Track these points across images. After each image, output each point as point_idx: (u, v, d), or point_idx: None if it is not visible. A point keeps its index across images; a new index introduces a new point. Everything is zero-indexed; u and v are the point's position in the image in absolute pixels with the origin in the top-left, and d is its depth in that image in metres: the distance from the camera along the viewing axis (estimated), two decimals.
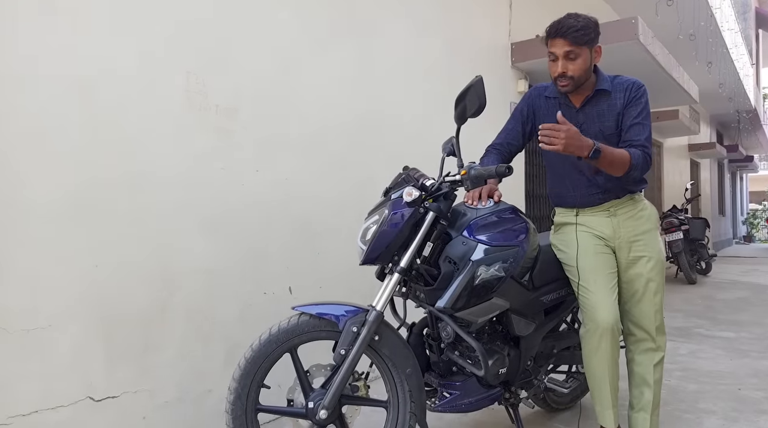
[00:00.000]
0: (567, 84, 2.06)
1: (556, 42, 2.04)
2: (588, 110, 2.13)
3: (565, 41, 2.02)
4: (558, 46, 2.03)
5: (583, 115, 2.14)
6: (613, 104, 2.12)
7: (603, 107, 2.12)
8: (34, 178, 1.89)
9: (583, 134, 2.07)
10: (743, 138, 17.05)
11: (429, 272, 1.94)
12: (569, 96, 2.16)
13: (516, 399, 2.19)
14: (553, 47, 2.05)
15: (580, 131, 2.08)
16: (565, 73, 2.04)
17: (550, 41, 2.06)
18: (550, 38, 2.06)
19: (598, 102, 2.13)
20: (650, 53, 4.75)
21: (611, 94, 2.12)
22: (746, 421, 2.61)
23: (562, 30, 2.01)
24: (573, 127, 1.89)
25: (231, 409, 1.75)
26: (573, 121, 2.09)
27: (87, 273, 2.01)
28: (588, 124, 2.12)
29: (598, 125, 2.12)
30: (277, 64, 2.75)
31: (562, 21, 2.03)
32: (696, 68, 9.16)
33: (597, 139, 2.08)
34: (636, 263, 2.13)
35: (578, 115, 2.14)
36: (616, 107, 2.11)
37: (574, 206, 2.20)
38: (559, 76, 2.05)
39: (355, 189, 3.14)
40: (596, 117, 2.12)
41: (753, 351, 3.94)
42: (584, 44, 2.03)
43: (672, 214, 8.18)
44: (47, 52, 1.92)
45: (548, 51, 2.08)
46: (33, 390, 1.87)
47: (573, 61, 2.03)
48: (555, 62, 2.06)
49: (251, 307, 2.58)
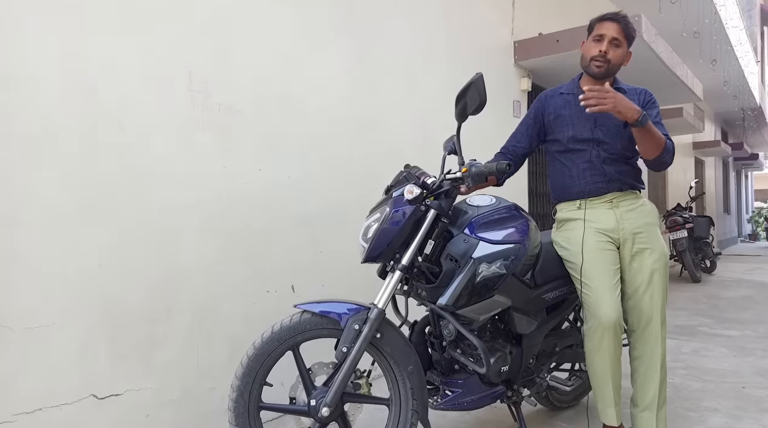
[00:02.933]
0: (602, 66, 2.11)
1: (609, 25, 2.12)
2: None
3: (617, 26, 2.12)
4: (609, 29, 2.11)
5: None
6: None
7: None
8: (38, 177, 1.90)
9: (599, 126, 2.17)
10: (748, 136, 16.99)
11: (430, 269, 1.94)
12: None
13: (518, 397, 2.18)
14: (603, 29, 2.12)
15: (595, 124, 2.17)
16: (606, 54, 2.10)
17: (601, 23, 2.14)
18: (603, 21, 2.14)
19: None
20: (654, 51, 4.73)
21: (626, 93, 2.18)
22: (750, 419, 2.60)
23: (619, 16, 2.13)
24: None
25: (234, 407, 1.76)
26: (589, 115, 2.14)
27: (91, 272, 2.02)
28: (603, 118, 2.15)
29: (613, 121, 2.15)
30: (279, 63, 2.75)
31: (619, 12, 2.16)
32: (700, 66, 9.11)
33: (612, 131, 2.16)
34: (640, 255, 2.14)
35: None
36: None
37: (578, 196, 2.21)
38: (599, 55, 2.10)
39: (357, 187, 3.14)
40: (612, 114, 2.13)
41: (757, 349, 3.93)
42: (628, 39, 2.15)
43: (676, 212, 8.15)
44: (49, 52, 1.93)
45: (595, 34, 2.14)
46: (37, 388, 1.88)
47: (615, 49, 2.12)
48: (599, 42, 2.12)
49: (254, 305, 2.59)
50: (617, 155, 2.16)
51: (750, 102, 13.17)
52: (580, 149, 2.19)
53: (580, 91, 2.16)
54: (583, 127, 2.18)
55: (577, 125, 2.20)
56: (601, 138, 2.16)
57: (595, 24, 2.17)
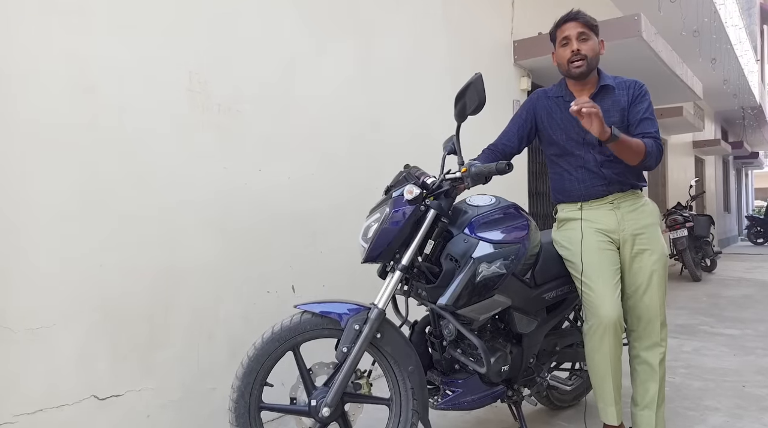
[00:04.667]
0: (581, 64, 2.12)
1: (568, 25, 2.14)
2: None
3: (576, 23, 2.13)
4: (570, 28, 2.13)
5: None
6: (617, 101, 2.16)
7: (608, 104, 2.16)
8: (38, 178, 1.90)
9: (588, 130, 2.11)
10: (748, 135, 16.98)
11: (430, 269, 1.95)
12: (574, 94, 2.20)
13: (519, 397, 2.19)
14: (566, 31, 2.14)
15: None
16: (580, 50, 2.11)
17: (562, 28, 2.16)
18: (562, 25, 2.16)
19: (602, 99, 2.16)
20: (653, 50, 4.73)
21: (615, 90, 2.17)
22: (750, 418, 2.60)
23: (573, 14, 2.15)
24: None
25: (234, 407, 1.76)
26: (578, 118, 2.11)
27: (91, 272, 2.03)
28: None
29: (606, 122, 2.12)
30: (279, 64, 2.75)
31: (570, 11, 2.17)
32: (700, 65, 9.11)
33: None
34: (640, 256, 2.14)
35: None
36: (620, 104, 2.16)
37: (578, 199, 2.21)
38: (574, 55, 2.12)
39: (357, 187, 3.15)
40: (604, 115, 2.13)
41: (758, 348, 3.93)
42: (593, 30, 2.15)
43: (676, 211, 8.14)
44: (49, 51, 1.93)
45: (560, 39, 2.17)
46: (38, 389, 1.88)
47: (585, 42, 2.13)
48: (567, 45, 2.14)
49: (255, 306, 2.59)
50: (614, 157, 2.13)
51: (750, 101, 13.16)
52: (575, 153, 2.19)
53: (569, 94, 2.21)
54: (576, 131, 2.17)
55: (569, 129, 2.19)
56: (593, 141, 2.14)
57: (555, 32, 2.20)
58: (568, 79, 2.22)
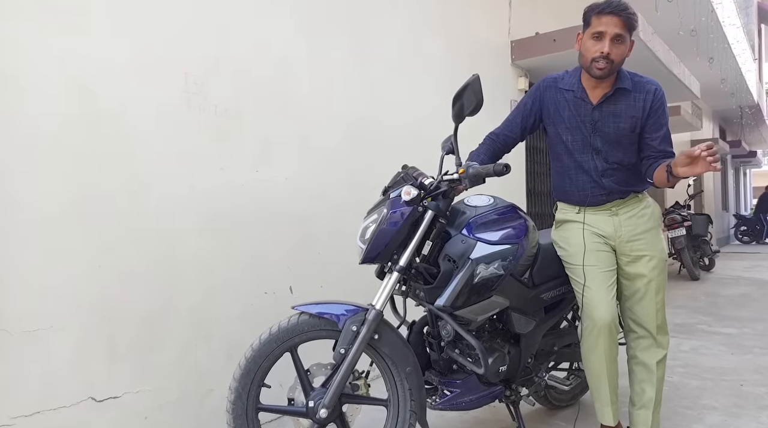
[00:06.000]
0: (605, 68, 1.94)
1: (609, 20, 1.91)
2: (605, 108, 2.07)
3: (619, 21, 1.91)
4: (609, 25, 1.91)
5: (598, 112, 2.07)
6: (631, 105, 2.05)
7: (621, 107, 2.05)
8: (36, 179, 1.89)
9: (598, 133, 2.08)
10: (746, 133, 17.00)
11: (428, 270, 1.95)
12: (587, 91, 2.08)
13: (517, 397, 2.19)
14: (603, 25, 1.91)
15: (594, 129, 2.08)
16: (609, 55, 1.92)
17: (600, 18, 1.92)
18: (602, 14, 1.92)
19: (616, 101, 2.05)
20: (651, 50, 4.73)
21: (631, 93, 2.05)
22: (748, 417, 2.61)
23: (619, 8, 1.90)
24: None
25: (232, 408, 1.76)
26: (587, 118, 2.08)
27: (89, 274, 2.02)
28: (602, 122, 2.07)
29: (612, 125, 2.06)
30: (276, 65, 2.75)
31: (619, 3, 1.91)
32: (697, 64, 9.12)
33: (610, 139, 2.07)
34: (637, 261, 2.12)
35: (594, 112, 2.08)
36: (635, 109, 2.05)
37: (578, 204, 2.19)
38: (601, 56, 1.92)
39: (355, 188, 3.15)
40: (611, 116, 2.06)
41: (756, 347, 3.93)
42: (631, 31, 1.96)
43: (675, 210, 8.16)
44: (47, 53, 1.93)
45: (593, 29, 1.94)
46: (35, 391, 1.88)
47: (618, 46, 1.93)
48: (599, 41, 1.93)
49: (252, 307, 2.59)
50: (617, 164, 2.08)
51: (748, 100, 13.18)
52: (579, 156, 2.12)
53: (581, 90, 2.08)
54: (582, 134, 2.10)
55: (575, 131, 2.11)
56: (599, 146, 2.08)
57: (591, 17, 1.95)
58: (584, 72, 2.06)
